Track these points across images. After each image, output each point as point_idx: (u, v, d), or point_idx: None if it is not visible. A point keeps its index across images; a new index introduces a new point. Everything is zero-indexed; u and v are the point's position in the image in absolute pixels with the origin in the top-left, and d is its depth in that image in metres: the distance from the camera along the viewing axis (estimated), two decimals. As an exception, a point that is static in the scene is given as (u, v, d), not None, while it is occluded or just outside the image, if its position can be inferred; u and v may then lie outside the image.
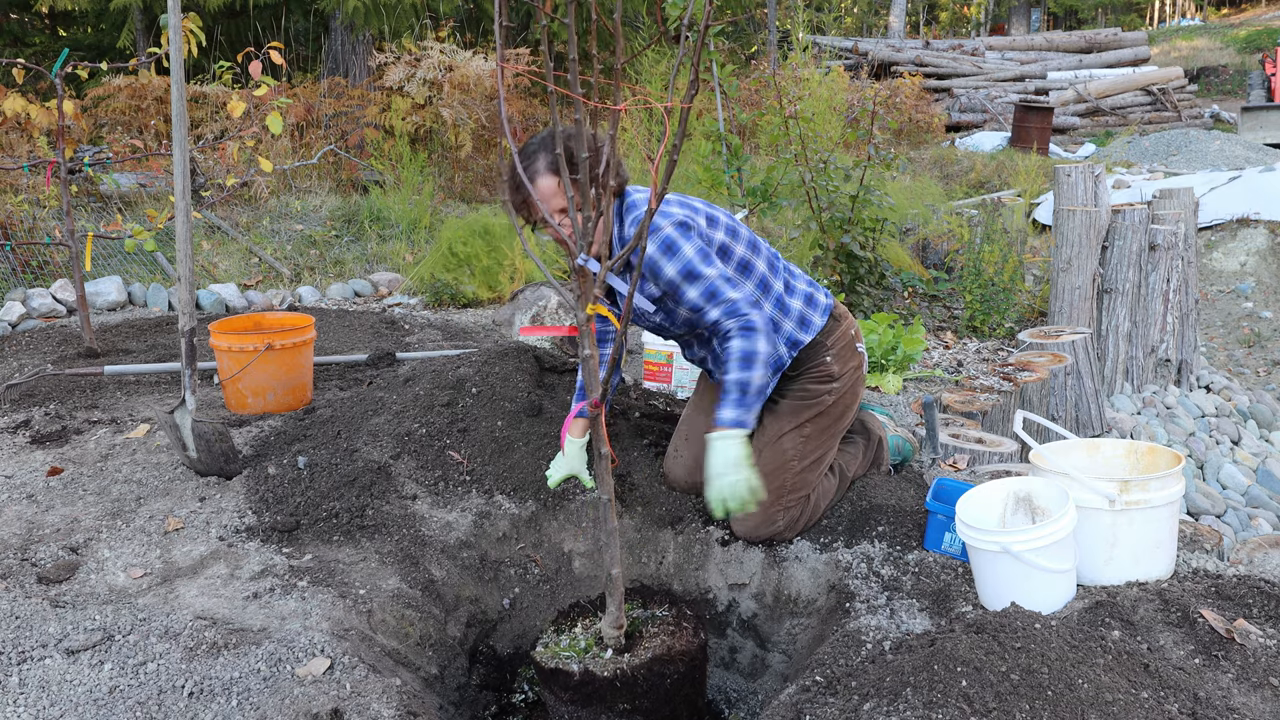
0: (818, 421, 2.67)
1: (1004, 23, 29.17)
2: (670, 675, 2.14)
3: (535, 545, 2.84)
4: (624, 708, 2.14)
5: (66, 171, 4.22)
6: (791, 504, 2.62)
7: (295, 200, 7.72)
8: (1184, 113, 15.55)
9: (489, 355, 3.35)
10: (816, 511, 2.69)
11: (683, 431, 2.86)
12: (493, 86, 8.89)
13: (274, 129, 3.86)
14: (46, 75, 4.14)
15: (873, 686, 1.84)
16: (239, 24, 11.00)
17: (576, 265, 1.91)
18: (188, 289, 2.93)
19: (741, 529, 2.66)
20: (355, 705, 1.94)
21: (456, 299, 5.88)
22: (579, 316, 1.94)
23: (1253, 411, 5.62)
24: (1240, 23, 29.18)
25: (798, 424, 2.66)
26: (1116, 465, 2.48)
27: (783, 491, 2.60)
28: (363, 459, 2.89)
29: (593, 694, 2.13)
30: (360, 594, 2.38)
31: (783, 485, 2.60)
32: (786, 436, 2.64)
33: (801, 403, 2.68)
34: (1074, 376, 4.50)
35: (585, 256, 1.90)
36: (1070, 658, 1.78)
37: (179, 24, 2.94)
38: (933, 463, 3.15)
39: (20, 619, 2.14)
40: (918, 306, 5.83)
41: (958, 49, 19.05)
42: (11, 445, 3.26)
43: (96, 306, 5.40)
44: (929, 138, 12.87)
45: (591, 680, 2.11)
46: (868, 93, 11.38)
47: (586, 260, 1.91)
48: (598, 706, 2.14)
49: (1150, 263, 5.36)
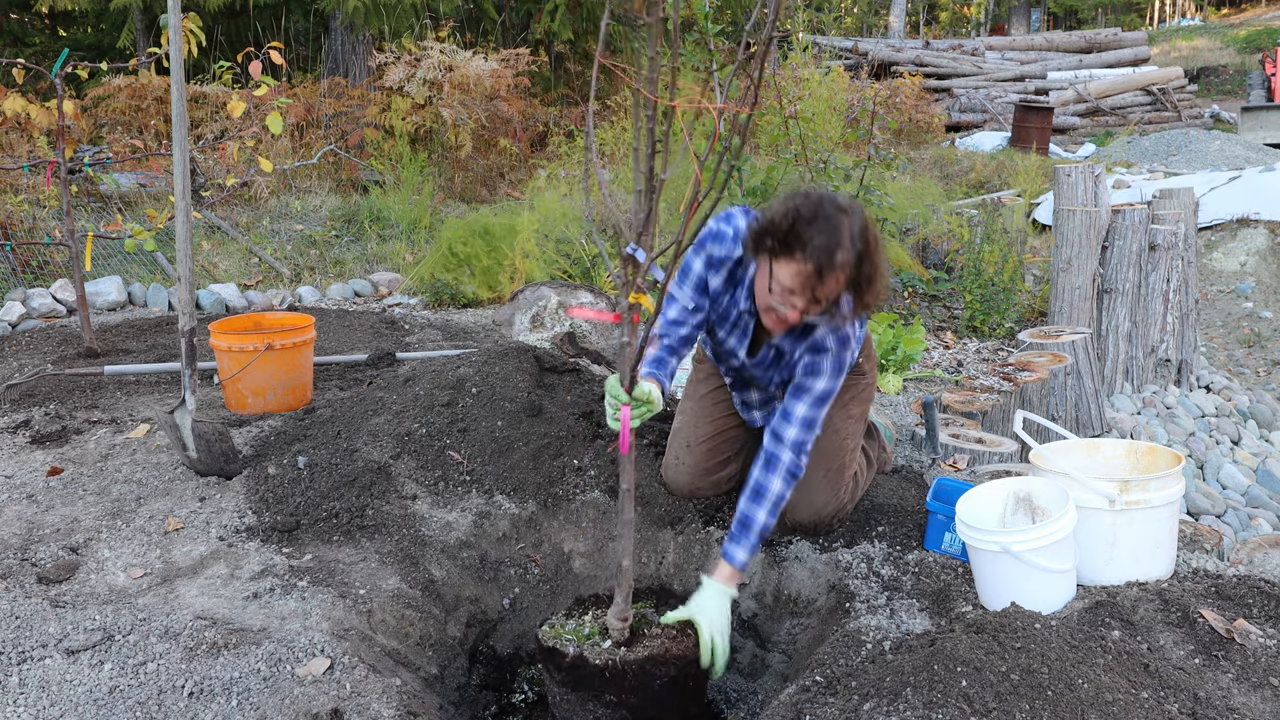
0: (858, 404, 2.71)
1: (1004, 23, 29.17)
2: (661, 677, 2.15)
3: (535, 545, 2.84)
4: (610, 699, 2.16)
5: (66, 171, 4.22)
6: (848, 481, 2.66)
7: (295, 200, 7.72)
8: (1184, 113, 15.55)
9: (489, 355, 3.35)
10: (858, 494, 2.74)
11: (682, 438, 2.79)
12: (492, 86, 8.89)
13: (274, 129, 3.86)
14: (46, 75, 4.14)
15: (873, 686, 1.84)
16: (239, 24, 11.00)
17: (625, 254, 1.94)
18: (188, 289, 2.93)
19: (807, 514, 2.61)
20: (355, 705, 1.94)
21: (456, 299, 5.88)
22: (621, 304, 1.97)
23: (1253, 411, 5.62)
24: (1240, 23, 29.18)
25: (843, 404, 2.65)
26: (1116, 465, 2.48)
27: (843, 470, 2.64)
28: (363, 459, 2.89)
29: (582, 679, 2.15)
30: (360, 594, 2.38)
31: (843, 463, 2.63)
32: (835, 416, 2.63)
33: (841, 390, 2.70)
34: (1074, 376, 4.50)
35: (634, 245, 1.92)
36: (1070, 658, 1.78)
37: (179, 24, 2.94)
38: (933, 463, 3.14)
39: (20, 619, 2.14)
40: (918, 306, 5.83)
41: (958, 49, 19.05)
42: (11, 445, 3.26)
43: (96, 306, 5.40)
44: (929, 138, 12.87)
45: (583, 665, 2.14)
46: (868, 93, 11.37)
47: (635, 249, 1.92)
48: (585, 692, 2.17)
49: (1150, 263, 5.36)
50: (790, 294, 2.15)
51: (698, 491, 2.79)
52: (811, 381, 2.39)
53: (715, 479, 2.78)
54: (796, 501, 2.61)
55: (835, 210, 2.09)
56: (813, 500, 2.61)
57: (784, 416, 2.41)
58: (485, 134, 9.09)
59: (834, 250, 2.06)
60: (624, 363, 2.04)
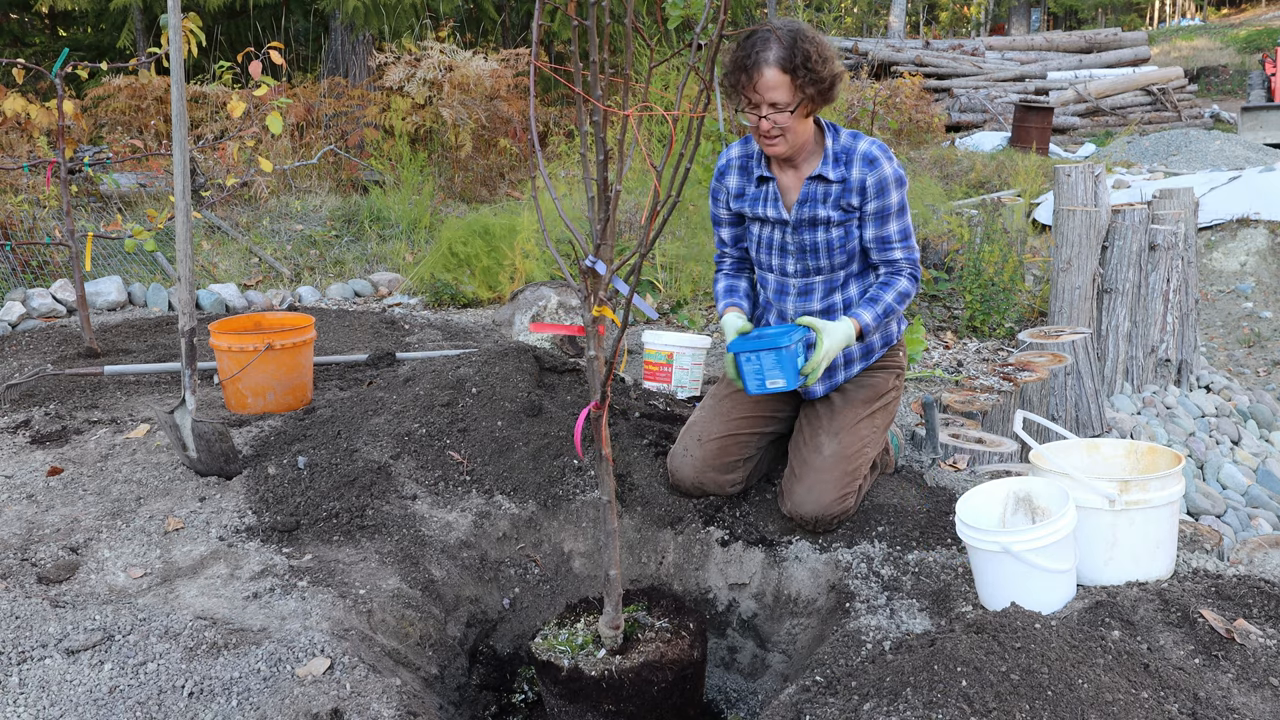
0: (884, 415, 2.81)
1: (1004, 23, 29.17)
2: (659, 683, 2.15)
3: (535, 545, 2.84)
4: (609, 708, 2.15)
5: (66, 171, 4.22)
6: (856, 489, 2.70)
7: (295, 200, 7.72)
8: (1184, 113, 15.54)
9: (489, 355, 3.35)
10: (861, 497, 2.77)
11: (695, 432, 2.82)
12: (493, 86, 8.89)
13: (274, 129, 3.86)
14: (46, 75, 4.14)
15: (873, 686, 1.84)
16: (239, 24, 11.01)
17: (584, 267, 1.93)
18: (188, 289, 2.93)
19: (812, 508, 2.64)
20: (355, 705, 1.94)
21: (456, 299, 5.88)
22: (585, 317, 1.96)
23: (1253, 411, 5.62)
24: (1240, 23, 29.18)
25: (870, 412, 2.77)
26: (1116, 465, 2.48)
27: (856, 474, 2.68)
28: (363, 459, 2.89)
29: (579, 690, 2.15)
30: (360, 594, 2.38)
31: (858, 468, 2.68)
32: (863, 422, 2.74)
33: (873, 391, 2.80)
34: (1074, 376, 4.50)
35: (593, 258, 1.92)
36: (1070, 658, 1.78)
37: (179, 24, 2.94)
38: (933, 463, 3.15)
39: (20, 619, 2.14)
40: (917, 306, 5.83)
41: (958, 49, 19.04)
42: (11, 445, 3.26)
43: (96, 306, 5.40)
44: (929, 138, 12.86)
45: (579, 677, 2.14)
46: (868, 93, 11.39)
47: (595, 262, 1.92)
48: (584, 703, 2.17)
49: (1150, 263, 5.36)
50: (763, 103, 2.46)
51: (702, 485, 2.79)
52: (884, 202, 2.60)
53: (720, 479, 2.78)
54: (805, 493, 2.64)
55: (762, 29, 2.44)
56: (821, 496, 2.63)
57: (885, 249, 2.66)
58: (485, 134, 9.09)
59: (768, 47, 2.40)
60: (594, 375, 2.02)
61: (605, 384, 2.04)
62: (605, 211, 1.88)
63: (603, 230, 1.89)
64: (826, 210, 2.63)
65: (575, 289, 1.98)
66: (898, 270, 2.69)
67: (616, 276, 1.95)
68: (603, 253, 1.92)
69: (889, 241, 2.65)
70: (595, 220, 1.91)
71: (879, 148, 2.60)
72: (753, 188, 2.73)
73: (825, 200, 2.63)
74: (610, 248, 1.92)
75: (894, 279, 2.68)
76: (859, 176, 2.58)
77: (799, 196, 2.66)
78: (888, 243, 2.65)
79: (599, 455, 2.07)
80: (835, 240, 2.66)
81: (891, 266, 2.69)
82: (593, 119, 1.83)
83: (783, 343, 2.49)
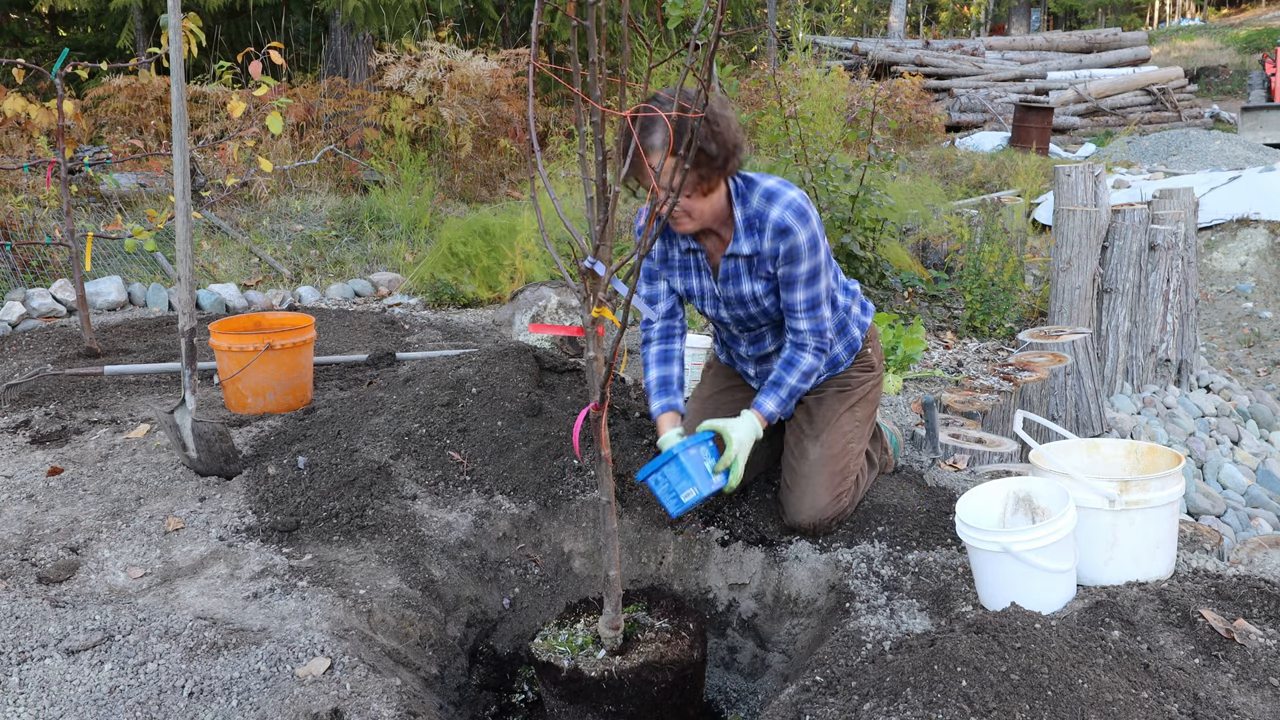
0: (864, 406, 2.79)
1: (1004, 23, 29.17)
2: (658, 683, 2.15)
3: (535, 545, 2.84)
4: (609, 709, 2.15)
5: (66, 171, 4.22)
6: (850, 485, 2.69)
7: (295, 200, 7.72)
8: (1184, 113, 15.55)
9: (489, 355, 3.35)
10: (859, 496, 2.76)
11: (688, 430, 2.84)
12: (493, 86, 8.89)
13: (274, 129, 3.86)
14: (46, 75, 4.14)
15: (873, 686, 1.84)
16: (239, 24, 11.01)
17: (583, 268, 1.93)
18: (188, 289, 2.93)
19: (808, 515, 2.63)
20: (355, 705, 1.94)
21: (456, 299, 5.88)
22: (584, 319, 1.96)
23: (1253, 411, 5.62)
24: (1240, 23, 29.18)
25: (849, 406, 2.75)
26: (1116, 465, 2.48)
27: (847, 473, 2.67)
28: (363, 459, 2.89)
29: (579, 691, 2.15)
30: (360, 594, 2.38)
31: (846, 467, 2.67)
32: (843, 417, 2.72)
33: (847, 390, 2.78)
34: (1074, 376, 4.50)
35: (592, 259, 1.92)
36: (1070, 658, 1.78)
37: (179, 24, 2.94)
38: (933, 463, 3.15)
39: (20, 619, 2.14)
40: (918, 306, 5.83)
41: (958, 49, 19.04)
42: (11, 445, 3.26)
43: (96, 306, 5.40)
44: (929, 138, 12.86)
45: (579, 678, 2.14)
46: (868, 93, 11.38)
47: (594, 263, 1.92)
48: (584, 704, 2.17)
49: (1150, 263, 5.36)
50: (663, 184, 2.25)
51: None
52: (793, 270, 2.49)
53: None
54: (797, 502, 2.64)
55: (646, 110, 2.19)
56: (815, 501, 2.62)
57: (790, 316, 2.57)
58: (485, 134, 9.09)
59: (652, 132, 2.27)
60: (593, 376, 2.02)
61: (605, 384, 2.04)
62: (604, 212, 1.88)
63: (602, 231, 1.89)
64: (750, 284, 2.56)
65: (574, 289, 1.98)
66: (801, 344, 2.59)
67: (615, 277, 1.95)
68: (602, 253, 1.92)
69: (793, 310, 2.55)
70: (594, 221, 1.91)
71: (794, 213, 2.43)
72: (679, 254, 2.63)
73: (746, 274, 2.56)
74: (609, 248, 1.92)
75: (798, 355, 2.59)
76: (771, 247, 2.47)
77: (720, 274, 2.59)
78: (792, 311, 2.56)
79: (599, 456, 2.07)
80: (769, 306, 2.60)
81: (796, 338, 2.59)
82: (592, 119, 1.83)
83: (676, 450, 2.43)
